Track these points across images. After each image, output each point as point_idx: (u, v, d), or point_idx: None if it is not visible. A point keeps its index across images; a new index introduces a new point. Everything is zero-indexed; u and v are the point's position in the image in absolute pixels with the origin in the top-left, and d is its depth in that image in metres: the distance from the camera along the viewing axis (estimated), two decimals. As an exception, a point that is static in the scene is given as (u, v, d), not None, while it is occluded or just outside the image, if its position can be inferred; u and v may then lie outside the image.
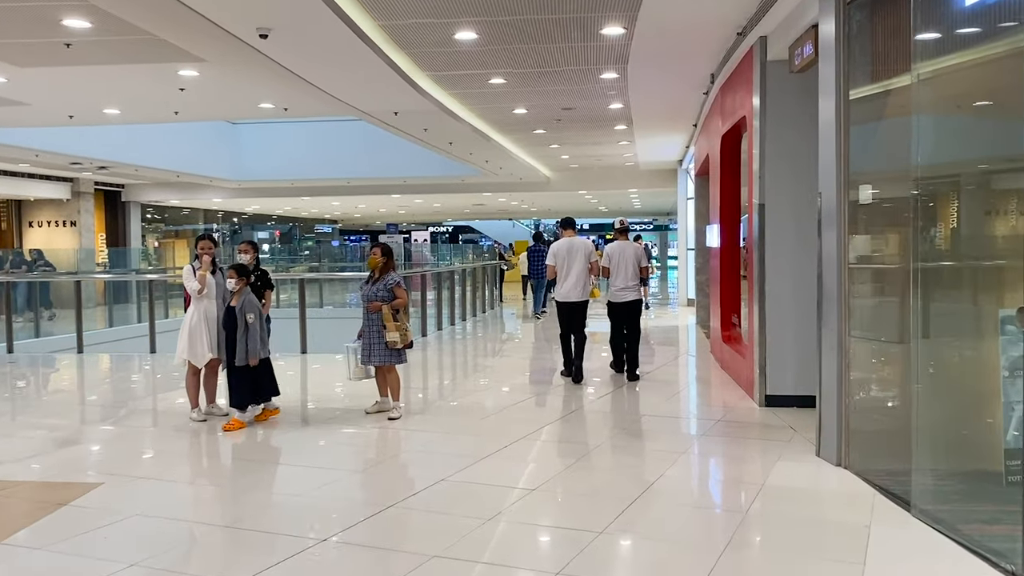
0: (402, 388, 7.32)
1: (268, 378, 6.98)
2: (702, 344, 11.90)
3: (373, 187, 22.65)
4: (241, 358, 6.65)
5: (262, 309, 7.46)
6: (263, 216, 35.95)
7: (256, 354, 6.70)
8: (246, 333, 6.64)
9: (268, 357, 7.00)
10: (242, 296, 6.75)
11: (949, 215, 4.70)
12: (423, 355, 11.22)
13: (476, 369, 10.48)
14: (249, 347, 6.65)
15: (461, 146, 14.97)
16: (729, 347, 9.10)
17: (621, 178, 21.55)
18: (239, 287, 6.76)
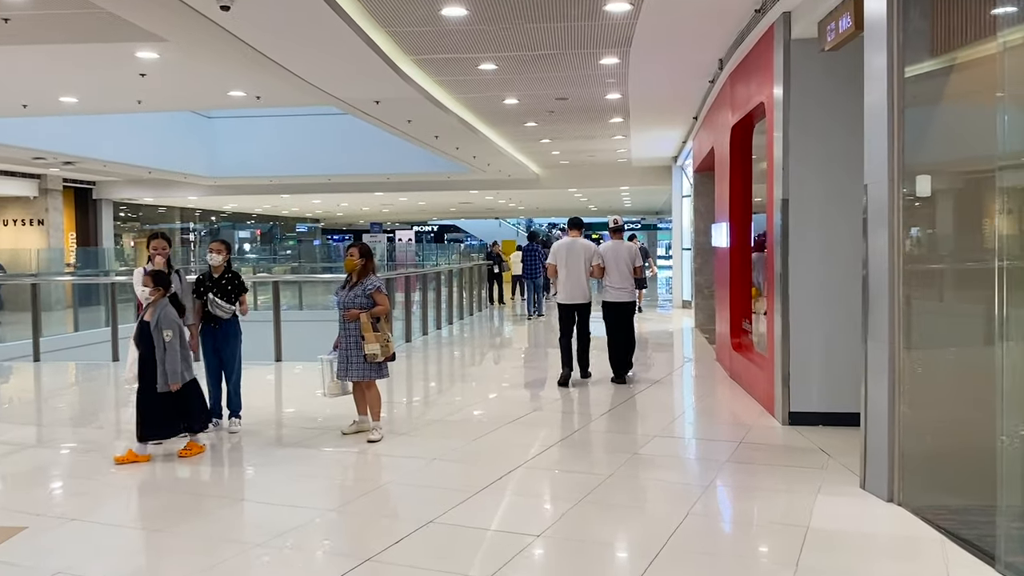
0: (384, 404, 6.53)
1: (196, 406, 5.91)
2: (704, 350, 11.17)
3: (355, 184, 21.79)
4: (161, 383, 5.60)
5: (239, 310, 6.66)
6: (242, 215, 34.97)
7: (177, 378, 5.63)
8: (164, 354, 5.60)
9: (195, 380, 5.92)
10: (157, 309, 5.67)
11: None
12: (407, 363, 10.42)
13: (466, 379, 9.68)
14: (168, 370, 5.59)
15: (447, 140, 14.17)
16: (741, 356, 8.36)
17: (613, 175, 20.83)
18: (154, 298, 5.72)
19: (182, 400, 5.78)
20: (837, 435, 6.07)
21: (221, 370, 6.81)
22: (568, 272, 8.31)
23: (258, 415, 7.13)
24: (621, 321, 8.50)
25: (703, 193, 14.01)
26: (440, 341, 12.97)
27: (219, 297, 6.70)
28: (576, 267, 8.29)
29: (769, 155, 6.90)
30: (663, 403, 7.91)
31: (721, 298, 9.68)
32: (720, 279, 9.74)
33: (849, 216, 6.36)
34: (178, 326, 5.75)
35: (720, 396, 7.94)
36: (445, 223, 45.38)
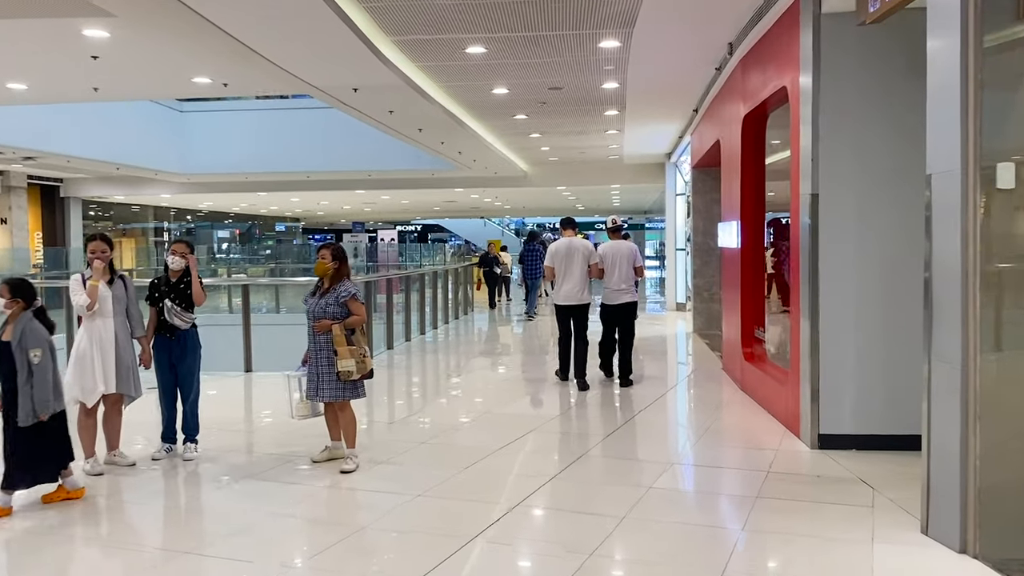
0: (362, 423, 5.73)
1: (59, 442, 4.83)
2: (706, 358, 10.44)
3: (335, 182, 20.93)
4: (26, 414, 4.59)
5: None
6: (219, 214, 33.97)
7: (47, 407, 4.64)
8: (30, 379, 4.60)
9: (64, 411, 4.88)
10: (18, 325, 4.66)
11: None
12: (388, 374, 9.61)
13: (453, 393, 8.88)
14: (36, 398, 4.59)
15: (431, 134, 13.35)
16: (754, 368, 7.62)
17: (603, 173, 20.10)
18: (10, 312, 4.71)
19: (54, 434, 4.78)
20: (877, 462, 5.33)
21: (176, 388, 5.99)
22: (566, 273, 8.10)
23: (218, 438, 6.31)
24: (624, 323, 8.35)
25: (702, 191, 13.29)
26: (425, 347, 12.16)
27: (178, 304, 5.87)
28: (574, 268, 8.07)
29: (793, 146, 6.15)
30: (673, 423, 7.15)
31: (729, 302, 8.94)
32: (728, 282, 9.00)
33: (889, 211, 5.65)
34: (46, 345, 4.73)
35: (734, 413, 7.19)
36: (429, 223, 44.49)
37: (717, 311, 13.20)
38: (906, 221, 5.61)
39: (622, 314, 8.34)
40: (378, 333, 11.29)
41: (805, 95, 5.84)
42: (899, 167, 5.60)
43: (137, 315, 5.80)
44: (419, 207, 31.08)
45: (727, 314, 9.18)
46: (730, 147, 8.74)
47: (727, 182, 8.95)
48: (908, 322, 5.59)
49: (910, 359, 5.59)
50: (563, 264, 8.10)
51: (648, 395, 8.13)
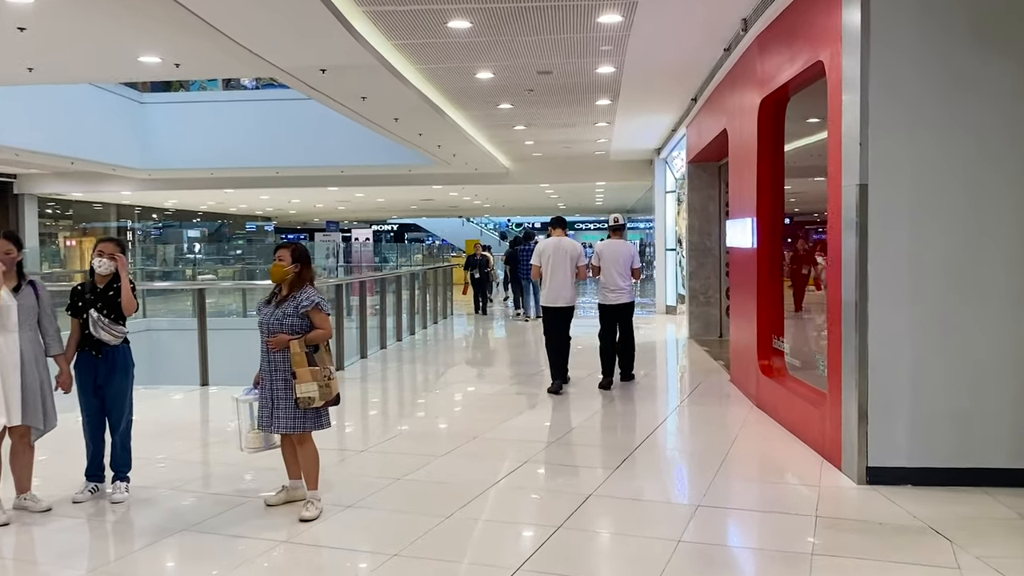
0: (326, 455, 4.77)
1: None
2: (708, 367, 9.58)
3: (306, 178, 19.85)
4: None
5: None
6: (187, 212, 32.70)
7: None
8: None
9: None
10: None
11: None
12: (361, 388, 8.65)
13: (434, 411, 7.93)
14: None
15: (408, 124, 12.38)
16: (775, 383, 6.75)
17: (589, 170, 19.21)
18: None
19: None
20: (943, 503, 4.48)
21: (104, 416, 5.00)
22: (553, 273, 7.87)
23: (154, 473, 5.32)
24: (621, 324, 8.17)
25: (699, 187, 12.44)
26: (403, 356, 11.19)
27: (106, 315, 4.88)
28: (561, 268, 7.84)
29: (833, 130, 5.28)
30: (688, 450, 6.25)
31: (741, 308, 8.07)
32: (740, 285, 8.13)
33: (953, 202, 4.80)
34: None
35: (756, 438, 6.30)
36: (406, 222, 43.36)
37: (715, 316, 12.37)
38: (974, 213, 4.77)
39: (620, 315, 8.14)
40: (351, 340, 10.35)
41: (850, 70, 4.97)
42: (965, 151, 4.76)
43: (53, 329, 4.81)
44: (395, 205, 30.00)
45: (737, 321, 8.32)
46: (742, 137, 7.87)
47: (738, 176, 8.09)
48: (976, 331, 4.75)
49: (980, 376, 4.78)
50: (549, 264, 7.86)
51: (654, 414, 7.27)
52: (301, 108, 17.44)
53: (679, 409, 7.42)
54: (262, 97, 18.23)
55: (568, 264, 7.84)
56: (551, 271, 7.86)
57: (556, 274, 7.84)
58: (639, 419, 7.09)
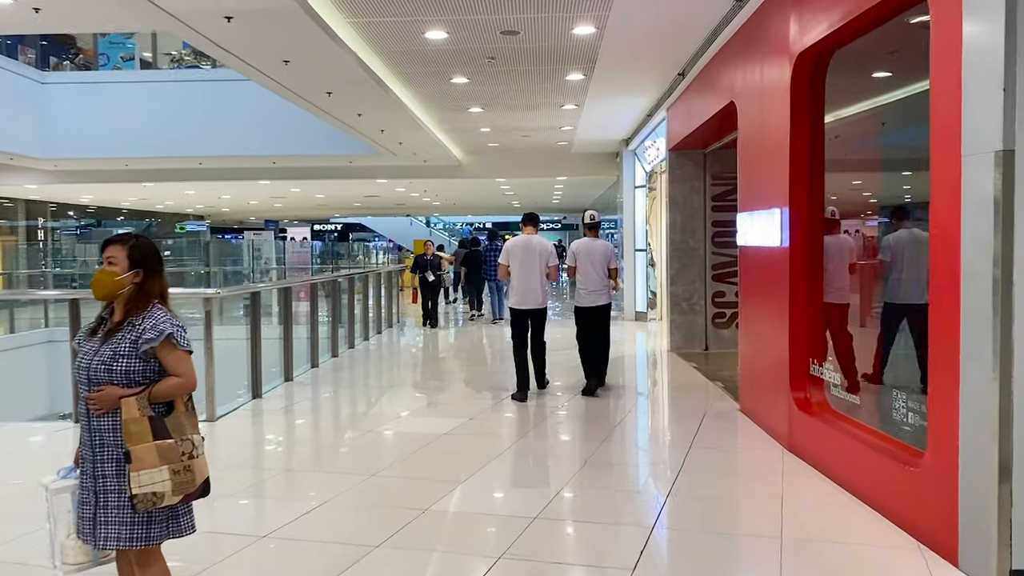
0: (201, 556, 2.98)
1: None
2: (704, 390, 7.99)
3: (234, 170, 17.78)
4: None
5: None
6: (111, 210, 30.14)
7: None
8: None
9: None
10: None
11: None
12: (276, 428, 6.84)
13: (366, 463, 6.12)
14: None
15: (345, 101, 10.55)
16: (822, 425, 5.15)
17: (549, 163, 17.59)
18: None
19: None
20: None
21: None
22: (523, 273, 7.47)
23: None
24: (598, 326, 7.72)
25: (682, 178, 10.86)
26: (338, 379, 9.37)
27: None
28: (531, 268, 7.46)
29: (943, 73, 3.68)
30: (730, 529, 4.55)
31: (760, 322, 6.45)
32: (758, 293, 6.51)
33: None
34: None
35: (809, 505, 4.63)
36: (350, 221, 41.15)
37: (700, 325, 10.83)
38: None
39: (596, 317, 7.68)
40: (272, 359, 8.50)
41: None
42: None
43: None
44: (337, 202, 27.94)
45: (751, 336, 6.71)
46: (762, 109, 6.28)
47: (756, 158, 6.48)
48: None
49: None
50: (519, 263, 7.44)
51: (661, 466, 5.60)
52: (225, 91, 15.49)
53: (690, 455, 5.77)
54: (180, 78, 16.17)
55: (539, 263, 7.44)
56: (520, 271, 7.44)
57: (526, 274, 7.42)
58: (643, 475, 5.44)
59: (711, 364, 9.59)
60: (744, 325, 6.94)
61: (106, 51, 18.27)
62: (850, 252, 5.67)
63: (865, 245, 5.59)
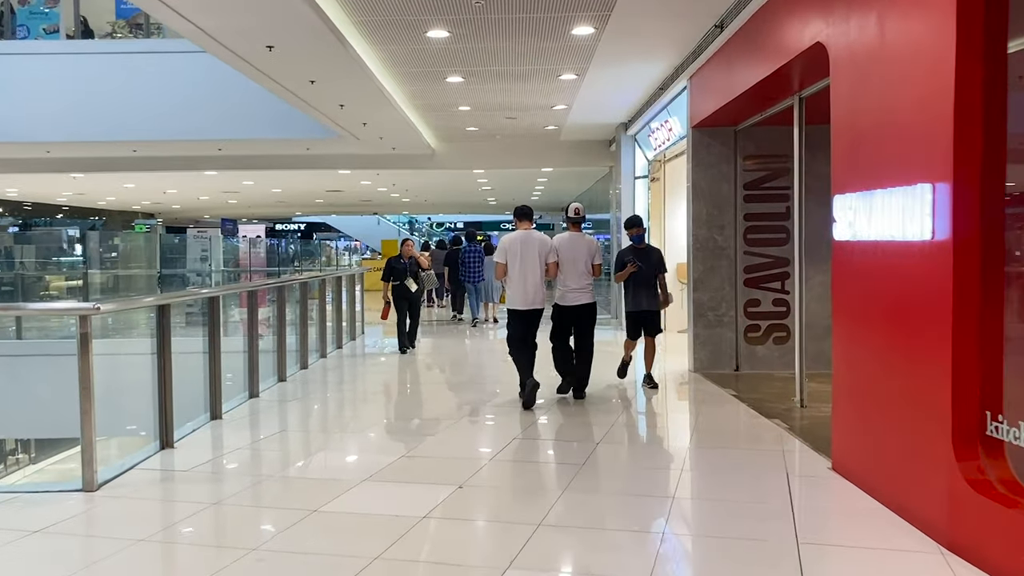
0: None
1: None
2: (762, 432, 6.09)
3: (174, 160, 15.58)
4: None
5: None
6: (49, 207, 27.60)
7: None
8: None
9: None
10: None
11: None
12: (193, 492, 4.75)
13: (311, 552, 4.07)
14: None
15: (291, 60, 8.46)
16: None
17: (533, 152, 15.62)
18: None
19: None
20: None
21: None
22: (524, 272, 7.09)
23: None
24: (581, 327, 7.40)
25: (707, 162, 8.93)
26: (285, 412, 7.31)
27: None
28: (533, 265, 7.10)
29: None
30: None
31: (883, 353, 4.47)
32: (883, 309, 4.52)
33: None
34: None
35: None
36: (314, 220, 38.75)
37: (729, 340, 8.91)
38: None
39: (578, 317, 7.34)
40: (195, 392, 6.47)
41: None
42: None
43: None
44: (297, 199, 25.65)
45: (860, 373, 4.74)
46: (897, 37, 4.34)
47: (871, 113, 4.53)
48: None
49: None
50: (517, 260, 7.09)
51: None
52: (159, 65, 13.30)
53: (808, 561, 3.79)
54: (106, 49, 13.91)
55: (539, 260, 7.09)
56: (521, 269, 7.06)
57: (528, 272, 7.06)
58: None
59: (752, 391, 7.69)
60: (844, 353, 4.96)
61: (25, 22, 15.90)
62: None
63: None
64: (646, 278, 7.76)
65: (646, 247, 8.01)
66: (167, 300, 5.79)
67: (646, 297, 7.81)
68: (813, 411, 6.82)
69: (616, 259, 8.04)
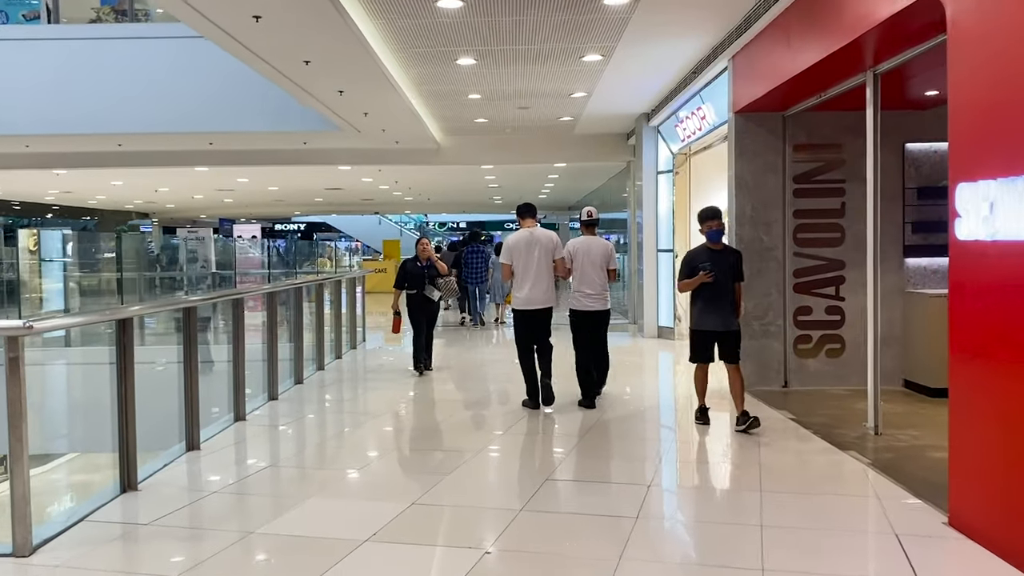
0: None
1: None
2: (833, 469, 5.12)
3: (162, 155, 14.58)
4: None
5: None
6: (39, 206, 26.63)
7: None
8: None
9: None
10: None
11: None
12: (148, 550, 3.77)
13: None
14: None
15: (282, 34, 7.47)
16: None
17: (546, 146, 14.62)
18: None
19: None
20: None
21: None
22: (528, 271, 6.88)
23: None
24: (596, 333, 7.14)
25: (753, 150, 7.94)
26: (274, 440, 6.33)
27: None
28: (539, 264, 6.89)
29: None
30: None
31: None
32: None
33: None
34: None
35: None
36: (314, 219, 37.74)
37: (777, 353, 7.93)
38: None
39: (593, 323, 7.12)
40: (168, 417, 5.52)
41: None
42: None
43: None
44: (295, 197, 24.63)
45: (994, 411, 3.74)
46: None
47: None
48: None
49: None
50: (522, 259, 6.89)
51: None
52: (146, 52, 12.33)
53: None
54: (92, 35, 12.93)
55: (546, 259, 6.95)
56: (526, 268, 6.92)
57: (534, 271, 6.91)
58: None
59: (810, 413, 6.70)
60: (971, 383, 3.95)
61: (4, 8, 14.96)
62: None
63: None
64: (721, 287, 6.14)
65: (723, 247, 6.33)
66: (126, 314, 4.79)
67: (722, 312, 6.15)
68: (890, 440, 5.84)
69: (684, 263, 6.35)
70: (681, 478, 5.35)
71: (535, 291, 6.90)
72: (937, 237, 7.75)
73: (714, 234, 6.17)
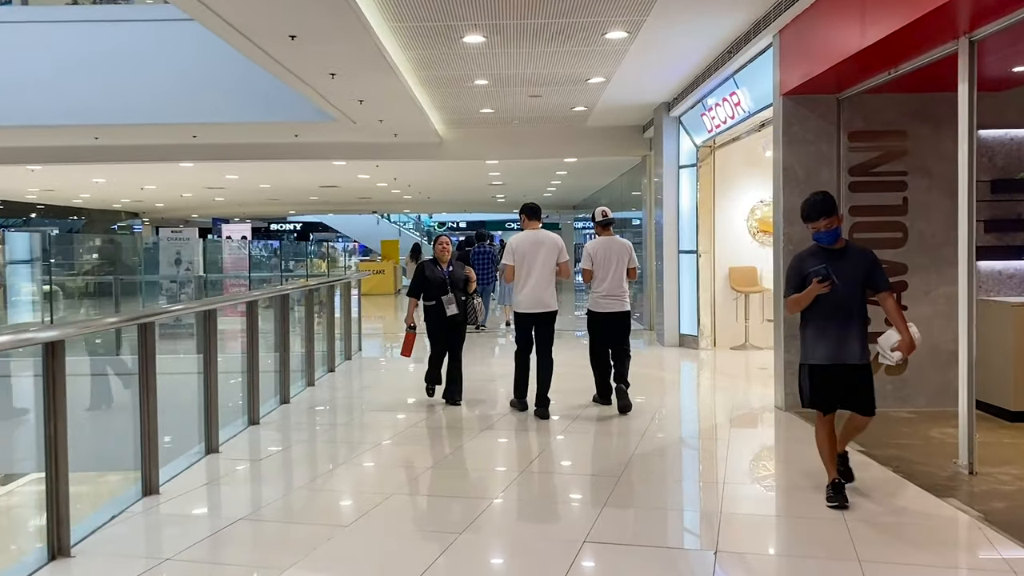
0: None
1: None
2: (931, 520, 4.16)
3: (143, 149, 13.58)
4: None
5: None
6: (22, 205, 25.61)
7: None
8: None
9: None
10: None
11: None
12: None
13: None
14: None
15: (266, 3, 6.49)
16: None
17: (555, 140, 13.66)
18: None
19: None
20: None
21: None
22: (531, 273, 6.70)
23: None
24: (616, 336, 6.98)
25: (802, 138, 6.96)
26: (255, 480, 5.33)
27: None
28: (541, 266, 6.72)
29: None
30: None
31: None
32: None
33: None
34: None
35: None
36: (310, 219, 36.70)
37: (831, 369, 6.89)
38: None
39: (615, 326, 6.94)
40: (120, 455, 4.55)
41: None
42: None
43: None
44: (288, 195, 23.60)
45: None
46: None
47: None
48: None
49: None
50: (525, 261, 6.71)
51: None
52: (121, 36, 11.37)
53: None
54: (57, 17, 11.94)
55: (548, 260, 6.71)
56: (528, 270, 6.68)
57: (536, 273, 6.67)
58: None
59: (881, 444, 5.71)
60: None
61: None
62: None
63: None
64: (843, 301, 4.31)
65: (845, 245, 4.50)
66: (58, 335, 3.79)
67: (843, 337, 4.35)
68: (991, 481, 4.86)
69: (789, 271, 4.55)
70: (745, 534, 4.32)
71: (537, 293, 6.76)
72: (1014, 237, 6.84)
73: (826, 236, 4.38)
